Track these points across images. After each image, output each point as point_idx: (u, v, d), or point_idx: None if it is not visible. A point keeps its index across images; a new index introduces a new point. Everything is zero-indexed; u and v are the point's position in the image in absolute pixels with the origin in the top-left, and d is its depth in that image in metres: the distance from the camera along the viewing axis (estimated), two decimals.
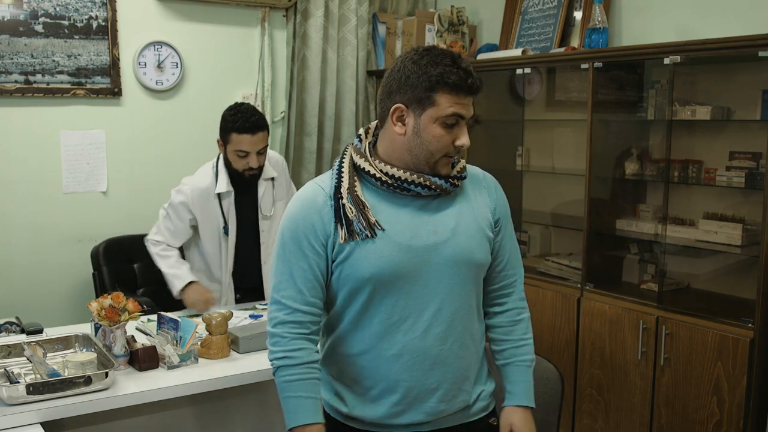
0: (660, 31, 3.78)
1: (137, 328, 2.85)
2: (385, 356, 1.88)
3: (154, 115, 4.35)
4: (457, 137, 1.83)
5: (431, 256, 1.86)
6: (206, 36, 4.47)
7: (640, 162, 3.73)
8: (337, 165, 1.94)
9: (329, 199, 1.87)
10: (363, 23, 4.86)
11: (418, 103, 1.81)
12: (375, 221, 1.84)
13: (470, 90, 1.80)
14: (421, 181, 1.85)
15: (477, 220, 1.94)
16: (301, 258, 1.86)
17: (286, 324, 1.87)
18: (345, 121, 4.87)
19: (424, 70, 1.79)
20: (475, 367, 1.99)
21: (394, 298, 1.86)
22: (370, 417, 1.93)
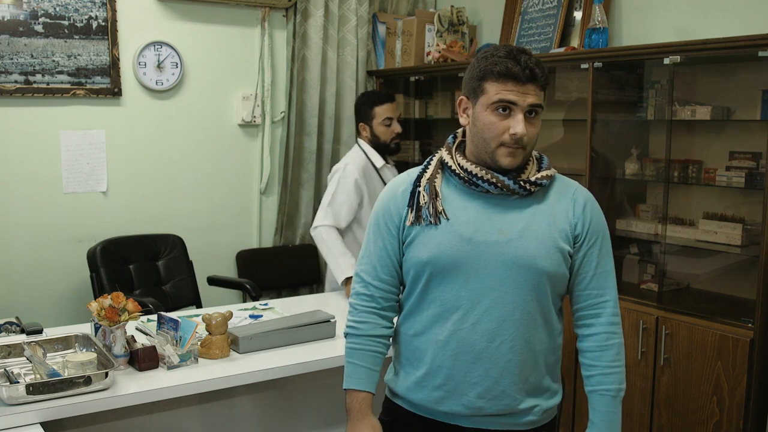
0: (660, 31, 3.78)
1: (137, 328, 2.85)
2: (434, 340, 1.96)
3: (154, 115, 4.35)
4: (511, 126, 1.86)
5: (492, 252, 1.90)
6: (206, 36, 4.47)
7: (640, 162, 3.72)
8: (428, 159, 2.06)
9: (410, 186, 2.01)
10: (363, 23, 4.86)
11: (473, 92, 1.92)
12: (442, 210, 1.94)
13: (518, 78, 1.84)
14: (488, 177, 1.91)
15: (550, 229, 1.92)
16: (378, 237, 2.04)
17: (359, 296, 2.06)
18: (345, 122, 4.87)
19: (478, 63, 1.91)
20: (529, 376, 1.94)
21: (449, 285, 1.92)
22: (413, 398, 2.02)
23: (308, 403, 2.89)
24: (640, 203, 3.80)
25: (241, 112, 4.60)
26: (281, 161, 4.73)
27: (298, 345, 2.77)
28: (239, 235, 4.72)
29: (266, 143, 4.71)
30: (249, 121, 4.62)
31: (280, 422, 2.85)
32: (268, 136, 4.71)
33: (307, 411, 2.90)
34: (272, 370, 2.58)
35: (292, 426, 2.87)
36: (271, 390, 2.79)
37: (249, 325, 2.88)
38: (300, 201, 4.80)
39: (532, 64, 1.85)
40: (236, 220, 4.70)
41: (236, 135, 4.64)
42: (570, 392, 3.61)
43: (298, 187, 4.79)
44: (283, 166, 4.72)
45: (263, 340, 2.73)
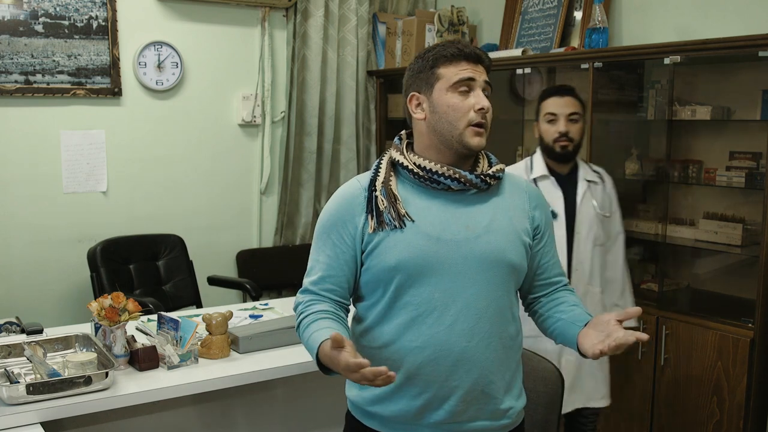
0: (660, 31, 3.78)
1: (137, 328, 2.85)
2: (408, 348, 1.87)
3: (154, 115, 4.35)
4: (475, 102, 1.87)
5: (462, 250, 1.86)
6: (206, 36, 4.47)
7: (640, 162, 3.72)
8: (376, 162, 1.99)
9: (364, 191, 1.92)
10: (363, 23, 4.86)
11: (426, 82, 1.90)
12: (405, 212, 1.87)
13: (469, 57, 1.88)
14: (450, 173, 1.87)
15: (513, 223, 1.93)
16: (330, 247, 1.92)
17: (305, 303, 1.93)
18: (345, 121, 4.87)
19: (424, 56, 1.92)
20: (502, 374, 1.92)
21: (421, 289, 1.85)
22: (386, 412, 1.91)
23: (308, 404, 2.89)
24: (640, 203, 3.80)
25: (241, 112, 4.60)
26: (281, 161, 4.73)
27: (298, 345, 2.76)
28: (239, 234, 4.72)
29: (266, 143, 4.71)
30: (249, 121, 4.62)
31: (281, 422, 2.85)
32: (269, 136, 4.71)
33: (308, 411, 2.90)
34: (272, 370, 2.58)
35: (292, 426, 2.87)
36: (272, 390, 2.79)
37: (249, 325, 2.88)
38: (300, 201, 4.80)
39: (474, 47, 1.91)
40: (236, 220, 4.70)
41: (236, 135, 4.64)
42: None
43: (298, 187, 4.79)
44: (283, 166, 4.72)
45: (263, 340, 2.73)
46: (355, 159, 4.91)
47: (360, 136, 4.95)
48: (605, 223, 3.06)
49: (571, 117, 2.97)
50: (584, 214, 3.00)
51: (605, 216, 3.04)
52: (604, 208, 3.04)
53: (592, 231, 3.00)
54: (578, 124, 3.00)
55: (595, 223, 3.01)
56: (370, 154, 5.04)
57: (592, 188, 3.03)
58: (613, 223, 3.10)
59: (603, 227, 3.04)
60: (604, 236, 3.05)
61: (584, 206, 3.00)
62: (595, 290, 3.02)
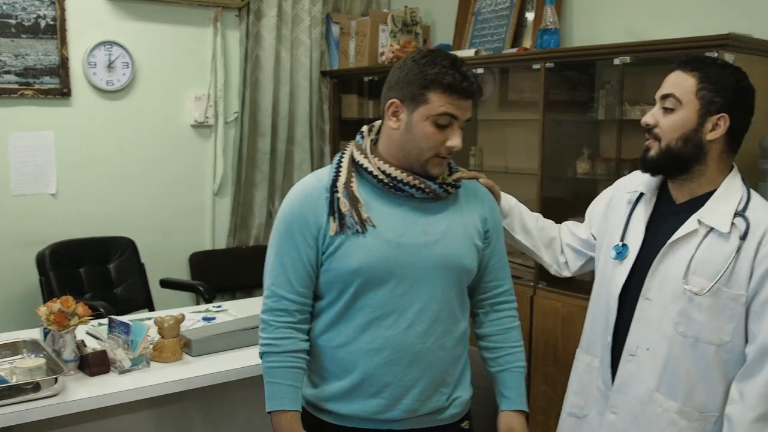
0: (610, 32, 3.83)
1: (87, 332, 2.81)
2: (365, 350, 1.90)
3: (105, 116, 4.29)
4: (449, 138, 1.86)
5: (420, 255, 1.90)
6: (158, 36, 4.42)
7: (591, 161, 3.77)
8: (337, 159, 1.97)
9: (325, 191, 1.91)
10: (316, 23, 4.85)
11: (412, 99, 1.85)
12: (367, 217, 1.88)
13: (464, 93, 1.83)
14: (416, 183, 1.89)
15: (467, 228, 1.98)
16: (292, 248, 1.91)
17: (273, 312, 1.93)
18: (299, 122, 4.85)
19: (422, 68, 1.83)
20: (453, 370, 1.99)
21: (380, 293, 1.88)
22: (342, 411, 1.95)
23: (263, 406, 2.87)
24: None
25: (193, 113, 4.56)
26: (234, 162, 4.70)
27: (252, 347, 2.74)
28: (192, 236, 4.67)
29: (219, 144, 4.68)
30: (202, 122, 4.58)
31: (237, 425, 2.83)
32: (221, 137, 4.68)
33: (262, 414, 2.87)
34: (226, 372, 2.57)
35: (248, 428, 2.85)
36: (226, 393, 2.77)
37: (202, 328, 2.86)
38: (254, 202, 4.77)
39: (474, 79, 1.85)
40: (189, 222, 4.66)
41: (189, 136, 4.60)
42: None
43: (252, 188, 4.76)
44: (237, 167, 4.69)
45: (216, 342, 2.71)
46: (309, 159, 4.90)
47: (314, 136, 4.94)
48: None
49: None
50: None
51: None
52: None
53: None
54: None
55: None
56: (324, 155, 5.02)
57: None
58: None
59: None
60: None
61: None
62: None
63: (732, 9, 3.38)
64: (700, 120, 1.90)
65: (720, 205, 1.92)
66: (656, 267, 1.97)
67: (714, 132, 1.90)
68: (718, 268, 1.87)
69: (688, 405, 1.92)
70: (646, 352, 1.97)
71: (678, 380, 1.93)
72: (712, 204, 1.93)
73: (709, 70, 1.92)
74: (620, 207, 2.15)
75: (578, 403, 2.18)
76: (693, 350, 1.90)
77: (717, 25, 3.30)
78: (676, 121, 1.92)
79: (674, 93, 1.92)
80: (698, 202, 1.96)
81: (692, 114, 1.90)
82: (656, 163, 1.97)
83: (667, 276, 1.94)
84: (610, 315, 2.06)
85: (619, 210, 2.15)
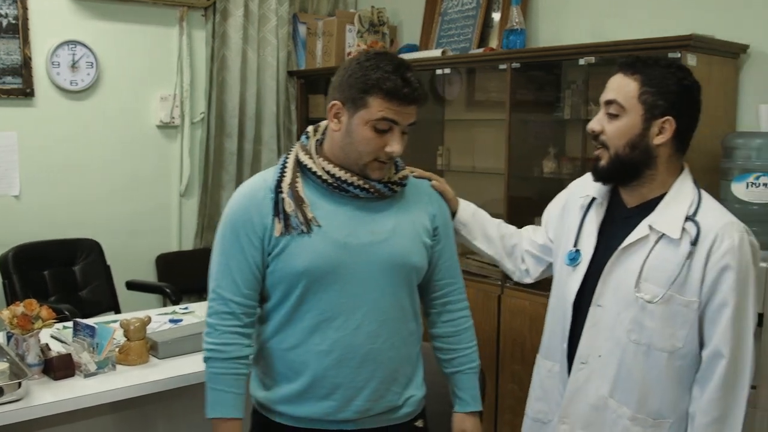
0: (575, 33, 3.86)
1: (52, 335, 2.78)
2: (315, 351, 1.89)
3: (69, 117, 4.24)
4: (388, 143, 1.85)
5: (367, 254, 1.89)
6: (122, 35, 4.38)
7: (557, 161, 3.80)
8: (282, 160, 1.96)
9: (270, 192, 1.90)
10: (283, 23, 4.83)
11: (352, 102, 1.83)
12: (312, 217, 1.87)
13: (405, 99, 1.81)
14: (360, 183, 1.89)
15: (414, 226, 1.98)
16: (238, 250, 1.89)
17: (219, 315, 1.91)
18: (266, 122, 4.83)
19: (364, 72, 1.82)
20: (404, 369, 1.99)
21: (328, 293, 1.87)
22: (294, 413, 1.94)
23: None
24: None
25: (159, 113, 4.53)
26: (201, 163, 4.67)
27: None
28: (159, 238, 4.64)
29: (186, 144, 4.65)
30: (168, 122, 4.55)
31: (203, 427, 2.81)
32: (188, 138, 4.65)
33: None
34: (193, 374, 2.55)
35: None
36: (193, 395, 2.75)
37: (168, 330, 2.84)
38: (221, 203, 4.74)
39: (418, 84, 1.83)
40: (155, 223, 4.62)
41: (155, 136, 4.57)
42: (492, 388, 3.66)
43: (219, 189, 4.74)
44: (203, 168, 4.66)
45: (183, 344, 2.69)
46: (276, 160, 4.86)
47: (281, 136, 4.92)
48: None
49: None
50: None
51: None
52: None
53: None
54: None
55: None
56: None
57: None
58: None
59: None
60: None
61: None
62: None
63: (694, 10, 3.43)
64: (645, 125, 1.87)
65: (670, 209, 1.89)
66: (608, 274, 1.94)
67: (661, 136, 1.87)
68: (669, 274, 1.85)
69: (641, 412, 1.91)
70: (598, 360, 1.95)
71: (631, 387, 1.91)
72: (663, 208, 1.90)
73: (651, 72, 1.89)
74: (574, 211, 2.12)
75: (542, 409, 2.16)
76: (646, 357, 1.89)
77: (679, 26, 3.34)
78: (620, 128, 1.89)
79: (617, 99, 1.90)
80: (649, 206, 1.93)
81: (636, 119, 1.88)
82: (608, 173, 1.96)
83: (619, 283, 1.92)
84: (565, 321, 2.04)
85: (573, 214, 2.12)
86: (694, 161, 3.10)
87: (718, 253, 1.81)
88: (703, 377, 1.87)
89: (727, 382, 1.83)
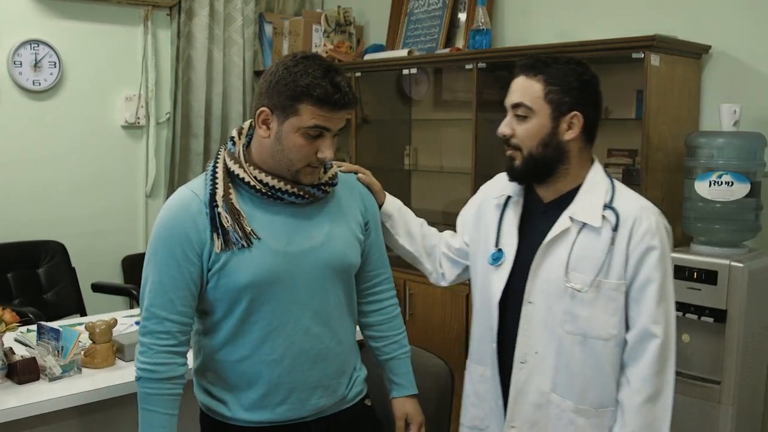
0: (541, 33, 3.90)
1: (16, 339, 2.74)
2: (266, 361, 1.90)
3: (32, 117, 4.19)
4: (320, 149, 1.83)
5: (308, 260, 1.90)
6: (86, 35, 4.33)
7: None
8: (210, 170, 1.91)
9: (204, 207, 1.85)
10: (249, 23, 4.81)
11: (282, 109, 1.80)
12: (251, 230, 1.85)
13: (336, 105, 1.79)
14: (294, 190, 1.88)
15: (349, 224, 2.01)
16: (174, 267, 1.84)
17: (154, 334, 1.86)
18: (232, 122, 4.81)
19: (293, 78, 1.78)
20: (350, 360, 2.06)
21: (273, 304, 1.87)
22: (252, 419, 1.95)
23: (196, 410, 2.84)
24: None
25: (124, 113, 4.49)
26: (167, 163, 4.63)
27: None
28: (125, 239, 4.59)
29: (151, 145, 4.61)
30: (133, 123, 4.51)
31: None
32: (153, 138, 4.61)
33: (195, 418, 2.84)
34: None
35: None
36: None
37: (135, 332, 2.80)
38: None
39: (347, 89, 1.81)
40: (121, 225, 4.58)
41: (120, 137, 4.52)
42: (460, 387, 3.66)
43: None
44: (170, 168, 4.63)
45: None
46: None
47: None
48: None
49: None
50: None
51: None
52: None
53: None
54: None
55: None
56: None
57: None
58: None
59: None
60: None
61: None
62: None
63: (658, 11, 3.48)
64: (554, 123, 1.91)
65: (588, 199, 1.94)
66: (536, 270, 1.96)
67: (570, 131, 1.92)
68: (596, 262, 1.88)
69: (583, 402, 1.92)
70: (535, 356, 1.96)
71: (572, 379, 1.93)
72: (581, 199, 1.94)
73: (553, 71, 1.94)
74: (490, 212, 2.13)
75: (478, 415, 2.16)
76: (582, 347, 1.91)
77: (643, 26, 3.39)
78: (530, 129, 1.92)
79: (524, 101, 1.93)
80: (565, 199, 1.97)
81: (545, 119, 1.91)
82: (523, 172, 1.98)
83: (549, 277, 1.94)
84: (492, 322, 2.03)
85: (489, 215, 2.13)
86: (659, 160, 3.17)
87: (638, 235, 1.87)
88: (632, 358, 1.89)
89: (660, 361, 1.86)
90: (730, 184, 2.95)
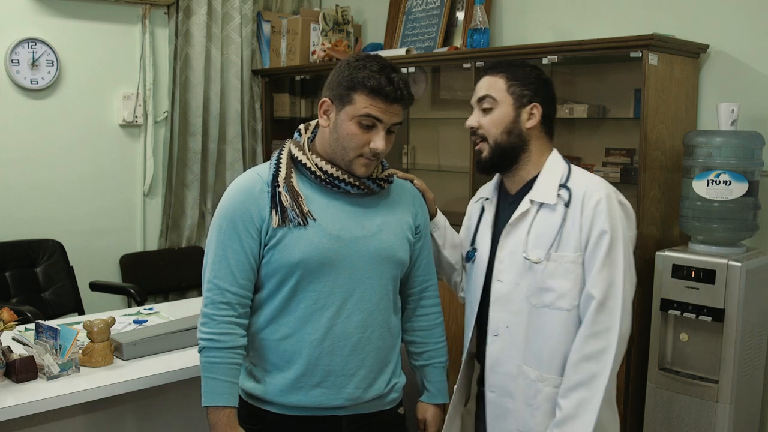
0: (539, 32, 3.90)
1: (14, 338, 2.74)
2: (308, 340, 1.97)
3: (30, 116, 4.18)
4: (372, 140, 1.94)
5: (358, 247, 1.99)
6: (84, 33, 4.33)
7: None
8: (275, 156, 2.04)
9: (266, 186, 1.97)
10: (247, 21, 4.81)
11: (340, 99, 1.94)
12: (308, 211, 1.96)
13: (388, 97, 1.90)
14: (351, 180, 1.98)
15: (400, 223, 2.09)
16: (236, 241, 1.96)
17: (215, 305, 1.96)
18: (230, 121, 4.81)
19: (352, 71, 1.93)
20: (390, 359, 2.09)
21: (321, 284, 1.96)
22: (287, 401, 2.01)
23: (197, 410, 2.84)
24: None
25: (122, 112, 4.48)
26: (165, 162, 4.63)
27: (185, 349, 2.72)
28: (123, 238, 4.59)
29: (149, 144, 4.61)
30: (131, 121, 4.51)
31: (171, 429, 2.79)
32: (151, 137, 4.61)
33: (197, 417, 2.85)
34: (159, 375, 2.53)
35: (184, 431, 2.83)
36: (159, 396, 2.73)
37: (133, 331, 2.81)
38: (185, 202, 4.72)
39: (403, 85, 1.93)
40: (119, 223, 4.58)
41: (117, 135, 4.52)
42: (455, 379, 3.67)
43: (183, 189, 4.70)
44: (167, 167, 4.63)
45: (148, 345, 2.67)
46: (240, 159, 4.86)
47: (246, 135, 4.90)
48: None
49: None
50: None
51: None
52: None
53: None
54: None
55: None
56: (256, 154, 4.99)
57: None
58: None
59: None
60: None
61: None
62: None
63: (656, 10, 3.48)
64: (516, 112, 2.10)
65: (545, 181, 2.11)
66: (500, 249, 2.14)
67: (531, 120, 2.11)
68: (550, 237, 2.04)
69: (549, 372, 2.04)
70: (506, 331, 2.11)
71: (540, 350, 2.06)
72: (539, 183, 2.12)
73: (514, 70, 2.14)
74: (473, 215, 2.34)
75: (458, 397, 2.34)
76: (548, 319, 2.04)
77: (641, 25, 3.39)
78: (495, 118, 2.11)
79: (489, 93, 2.11)
80: (528, 187, 2.14)
81: (508, 108, 2.10)
82: (491, 162, 2.15)
83: (512, 254, 2.10)
84: (474, 305, 2.23)
85: (472, 219, 2.34)
86: (657, 160, 3.17)
87: (589, 206, 2.01)
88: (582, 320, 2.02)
89: (598, 322, 1.96)
90: (728, 183, 2.95)
